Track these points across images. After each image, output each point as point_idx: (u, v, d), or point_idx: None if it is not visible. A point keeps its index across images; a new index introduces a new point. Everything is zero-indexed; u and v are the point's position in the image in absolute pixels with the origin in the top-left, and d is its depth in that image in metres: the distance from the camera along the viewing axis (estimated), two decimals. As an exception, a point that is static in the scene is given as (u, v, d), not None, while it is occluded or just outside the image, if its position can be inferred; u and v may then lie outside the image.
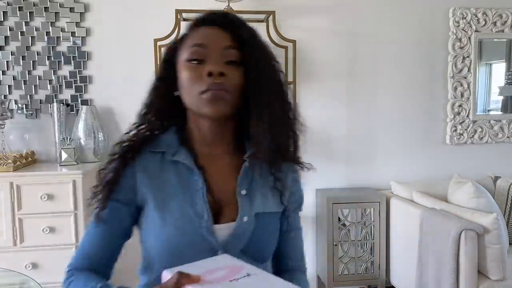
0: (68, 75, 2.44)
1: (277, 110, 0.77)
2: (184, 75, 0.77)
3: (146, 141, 0.84)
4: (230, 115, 0.78)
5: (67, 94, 2.45)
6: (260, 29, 2.51)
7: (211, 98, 0.74)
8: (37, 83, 2.42)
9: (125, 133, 0.86)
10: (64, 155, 2.28)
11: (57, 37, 2.41)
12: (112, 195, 0.80)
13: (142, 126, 0.86)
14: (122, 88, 2.49)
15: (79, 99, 2.45)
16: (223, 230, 0.78)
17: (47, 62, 2.41)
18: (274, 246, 0.85)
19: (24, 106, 2.41)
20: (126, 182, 0.81)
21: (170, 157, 0.81)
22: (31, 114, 2.43)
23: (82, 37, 2.43)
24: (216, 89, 0.73)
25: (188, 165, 0.80)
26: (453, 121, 2.82)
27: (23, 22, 2.38)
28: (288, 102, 0.81)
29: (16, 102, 2.41)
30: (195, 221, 0.77)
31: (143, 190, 0.81)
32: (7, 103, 2.30)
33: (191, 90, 0.76)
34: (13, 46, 2.39)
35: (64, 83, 2.44)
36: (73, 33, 2.42)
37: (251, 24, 0.83)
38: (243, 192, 0.81)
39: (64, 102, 2.43)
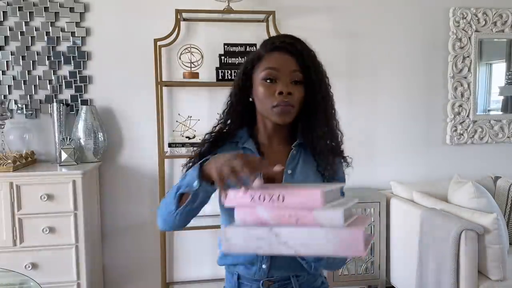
0: (68, 75, 2.44)
1: (328, 117, 1.04)
2: (260, 90, 1.02)
3: (226, 134, 1.11)
4: (293, 119, 1.04)
5: (67, 94, 2.45)
6: (260, 29, 2.51)
7: (280, 112, 0.99)
8: (37, 83, 2.42)
9: (214, 126, 1.12)
10: (64, 155, 2.28)
11: (57, 37, 2.41)
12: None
13: (225, 122, 1.11)
14: (122, 88, 2.49)
15: (79, 99, 2.45)
16: None
17: (47, 62, 2.41)
18: None
19: (24, 106, 2.41)
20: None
21: (241, 145, 1.08)
22: (31, 114, 2.43)
23: (82, 37, 2.43)
24: (284, 105, 0.99)
25: (253, 151, 1.07)
26: (453, 121, 2.82)
27: (23, 22, 2.38)
28: (334, 109, 1.08)
29: (16, 102, 2.41)
30: None
31: None
32: (7, 103, 2.30)
33: (265, 103, 1.01)
34: (13, 46, 2.39)
35: (64, 83, 2.44)
36: (73, 33, 2.42)
37: (310, 47, 1.08)
38: (289, 171, 1.06)
39: (64, 102, 2.43)
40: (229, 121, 1.11)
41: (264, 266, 1.05)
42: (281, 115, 1.00)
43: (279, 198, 0.75)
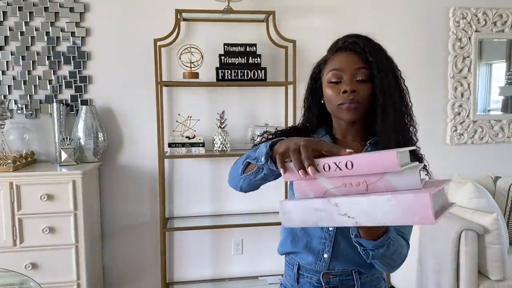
0: (68, 75, 2.44)
1: (397, 109, 1.02)
2: (327, 92, 1.05)
3: (306, 129, 1.15)
4: (361, 116, 1.04)
5: (67, 94, 2.45)
6: (260, 29, 2.51)
7: (346, 109, 1.01)
8: (37, 83, 2.42)
9: (299, 123, 1.18)
10: (64, 155, 2.28)
11: (57, 37, 2.41)
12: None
13: (304, 121, 1.16)
14: (122, 88, 2.49)
15: (79, 99, 2.45)
16: None
17: (47, 62, 2.41)
18: None
19: (24, 106, 2.41)
20: None
21: (317, 139, 1.05)
22: (31, 114, 2.43)
23: (82, 37, 2.43)
24: (349, 103, 1.00)
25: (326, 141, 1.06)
26: (453, 121, 2.82)
27: (23, 22, 2.38)
28: (407, 104, 1.06)
29: (16, 102, 2.41)
30: None
31: None
32: (7, 103, 2.31)
33: (332, 102, 1.04)
34: (13, 46, 2.39)
35: (64, 83, 2.44)
36: (73, 33, 2.42)
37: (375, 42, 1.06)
38: None
39: (64, 102, 2.43)
40: (306, 123, 1.15)
41: (325, 255, 1.04)
42: (348, 113, 1.01)
43: (347, 165, 0.70)
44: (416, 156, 1.09)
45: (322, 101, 1.10)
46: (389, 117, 1.01)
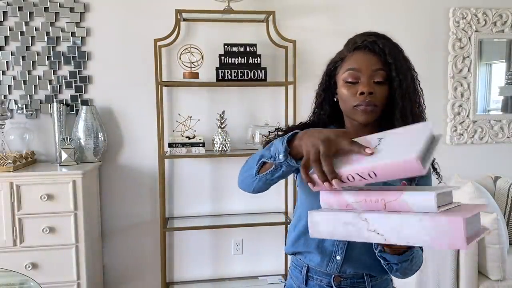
0: (68, 75, 2.44)
1: (414, 113, 1.02)
2: (342, 91, 1.01)
3: (316, 127, 1.08)
4: (377, 118, 1.01)
5: (67, 94, 2.45)
6: (260, 29, 2.51)
7: (362, 111, 0.98)
8: (37, 83, 2.42)
9: (308, 120, 1.13)
10: (64, 155, 2.28)
11: (57, 37, 2.41)
12: None
13: (314, 120, 1.12)
14: (122, 88, 2.49)
15: (79, 99, 2.45)
16: None
17: (47, 62, 2.41)
18: None
19: (24, 106, 2.41)
20: None
21: None
22: (31, 114, 2.43)
23: (82, 37, 2.43)
24: (366, 105, 0.97)
25: None
26: (453, 121, 2.82)
27: (23, 22, 2.38)
28: (423, 107, 1.07)
29: (16, 102, 2.41)
30: None
31: None
32: (7, 103, 2.31)
33: (347, 103, 1.01)
34: (13, 46, 2.39)
35: (64, 83, 2.44)
36: (73, 33, 2.42)
37: (393, 42, 1.05)
38: None
39: (64, 102, 2.43)
40: (316, 120, 1.12)
41: (338, 257, 1.02)
42: (363, 115, 0.99)
43: (371, 175, 0.69)
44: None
45: (335, 99, 1.08)
46: (408, 121, 0.98)
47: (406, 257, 0.86)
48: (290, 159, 0.84)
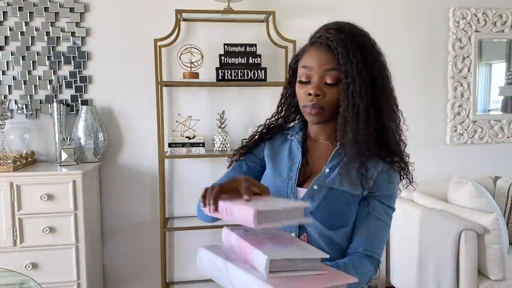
0: (68, 75, 2.44)
1: (362, 123, 0.93)
2: (296, 89, 1.01)
3: (280, 125, 1.13)
4: (329, 119, 0.98)
5: (67, 94, 2.45)
6: (260, 29, 2.51)
7: (308, 112, 0.97)
8: (37, 83, 2.42)
9: (268, 118, 1.14)
10: (64, 155, 2.28)
11: (57, 37, 2.41)
12: (251, 150, 1.14)
13: (277, 116, 1.13)
14: (122, 88, 2.49)
15: (79, 99, 2.45)
16: (302, 192, 1.02)
17: (47, 62, 2.41)
18: (345, 219, 1.00)
19: (24, 106, 2.41)
20: (260, 146, 1.15)
21: (289, 137, 1.10)
22: (31, 114, 2.43)
23: (82, 37, 2.43)
24: (311, 107, 0.95)
25: (297, 143, 1.07)
26: (453, 121, 2.82)
27: (23, 22, 2.38)
28: (382, 111, 0.96)
29: (16, 102, 2.41)
30: (286, 181, 1.04)
31: (266, 154, 1.13)
32: (7, 103, 2.31)
33: (299, 102, 1.01)
34: (13, 46, 2.39)
35: (64, 83, 2.44)
36: (73, 33, 2.42)
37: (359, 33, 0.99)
38: (327, 170, 1.02)
39: (64, 102, 2.43)
40: (282, 113, 1.11)
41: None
42: (309, 116, 0.98)
43: (228, 212, 0.77)
44: (389, 163, 1.00)
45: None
46: (347, 128, 0.93)
47: None
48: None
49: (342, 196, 0.99)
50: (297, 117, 1.12)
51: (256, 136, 1.13)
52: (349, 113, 0.93)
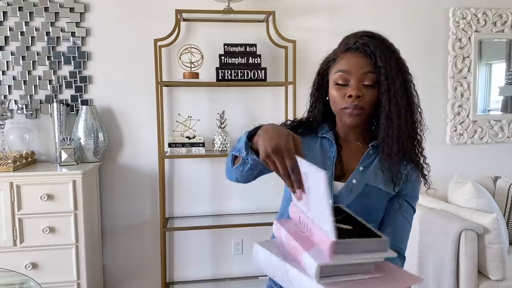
0: (68, 75, 2.44)
1: (401, 117, 1.00)
2: (332, 93, 1.04)
3: (310, 124, 1.15)
4: (365, 120, 1.04)
5: (67, 94, 2.45)
6: (260, 29, 2.51)
7: (349, 114, 1.01)
8: (37, 83, 2.42)
9: (303, 117, 1.17)
10: (64, 155, 2.28)
11: (57, 37, 2.41)
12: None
13: (308, 117, 1.15)
14: (122, 88, 2.49)
15: (79, 99, 2.45)
16: (339, 186, 1.05)
17: (47, 62, 2.41)
18: (376, 215, 1.08)
19: (24, 106, 2.41)
20: None
21: (321, 135, 1.12)
22: (31, 114, 2.43)
23: (82, 37, 2.43)
24: (353, 108, 1.00)
25: (331, 140, 1.09)
26: (453, 121, 2.82)
27: (23, 22, 2.38)
28: (414, 110, 1.05)
29: (16, 102, 2.41)
30: None
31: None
32: (7, 103, 2.31)
33: (336, 105, 1.04)
34: (13, 46, 2.39)
35: (64, 83, 2.44)
36: (73, 33, 2.42)
37: (387, 44, 1.04)
38: (361, 168, 1.07)
39: (64, 102, 2.43)
40: (311, 118, 1.15)
41: None
42: (350, 118, 1.01)
43: (307, 228, 0.72)
44: (416, 164, 1.08)
45: (327, 98, 1.10)
46: (393, 125, 1.00)
47: None
48: (252, 153, 0.85)
49: (376, 192, 1.05)
50: (326, 121, 1.14)
51: (295, 123, 1.15)
52: (392, 112, 0.99)
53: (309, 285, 0.66)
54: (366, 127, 1.10)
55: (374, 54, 0.99)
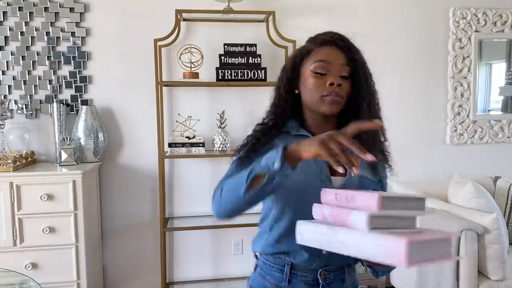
0: (68, 75, 2.44)
1: (372, 111, 1.05)
2: (310, 81, 1.04)
3: (275, 126, 1.14)
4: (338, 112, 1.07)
5: (67, 94, 2.45)
6: (260, 29, 2.51)
7: (330, 101, 1.02)
8: (37, 83, 2.42)
9: (263, 119, 1.17)
10: (64, 155, 2.28)
11: (57, 37, 2.41)
12: (257, 150, 1.10)
13: (274, 114, 1.14)
14: (122, 88, 2.49)
15: (79, 99, 2.45)
16: (337, 180, 1.06)
17: (47, 62, 2.41)
18: None
19: (24, 106, 2.41)
20: (265, 147, 1.10)
21: (295, 132, 1.10)
22: (31, 114, 2.43)
23: (82, 37, 2.43)
24: (334, 95, 1.01)
25: (309, 137, 1.06)
26: (453, 121, 2.82)
27: (23, 22, 2.38)
28: (378, 104, 1.09)
29: (16, 102, 2.41)
30: (318, 171, 1.05)
31: None
32: (7, 103, 2.31)
33: (314, 93, 1.04)
34: (13, 46, 2.39)
35: (64, 83, 2.44)
36: (73, 33, 2.42)
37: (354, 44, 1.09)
38: None
39: (64, 102, 2.43)
40: (278, 113, 1.13)
41: (324, 252, 1.03)
42: (330, 105, 1.02)
43: (348, 199, 0.79)
44: (385, 159, 1.13)
45: (297, 92, 1.10)
46: (366, 116, 1.04)
47: (391, 268, 0.94)
48: (287, 166, 0.86)
49: (369, 184, 1.09)
50: (290, 118, 1.13)
51: (259, 135, 1.14)
52: (368, 101, 1.05)
53: (361, 239, 0.73)
54: (337, 120, 1.10)
55: (348, 49, 1.05)
